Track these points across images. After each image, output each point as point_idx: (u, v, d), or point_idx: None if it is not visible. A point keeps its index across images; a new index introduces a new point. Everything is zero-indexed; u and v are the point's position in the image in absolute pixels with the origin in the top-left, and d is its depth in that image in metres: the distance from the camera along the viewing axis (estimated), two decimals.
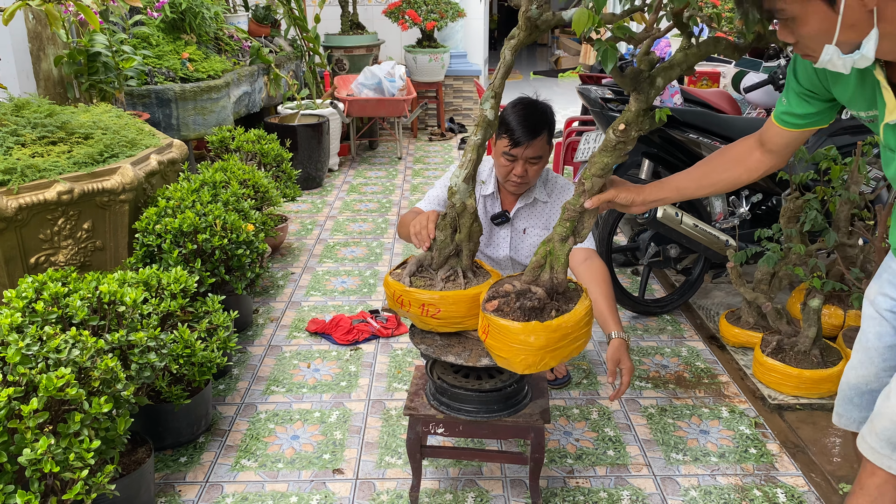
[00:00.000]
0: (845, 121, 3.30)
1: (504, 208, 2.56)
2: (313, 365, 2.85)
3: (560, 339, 1.68)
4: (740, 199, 3.35)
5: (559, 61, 11.80)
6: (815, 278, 2.64)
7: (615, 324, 2.18)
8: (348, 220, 4.62)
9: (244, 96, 4.97)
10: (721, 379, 2.79)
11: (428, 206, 2.47)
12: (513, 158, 2.34)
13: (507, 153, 2.35)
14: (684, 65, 1.56)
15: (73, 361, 1.64)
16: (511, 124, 2.31)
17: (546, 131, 2.34)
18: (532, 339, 1.64)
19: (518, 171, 2.36)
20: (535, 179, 2.45)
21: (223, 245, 2.62)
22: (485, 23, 7.72)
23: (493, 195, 2.54)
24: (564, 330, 1.67)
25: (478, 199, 2.53)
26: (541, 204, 2.52)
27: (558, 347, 1.68)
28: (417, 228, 1.97)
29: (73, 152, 2.71)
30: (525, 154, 2.33)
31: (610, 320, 2.19)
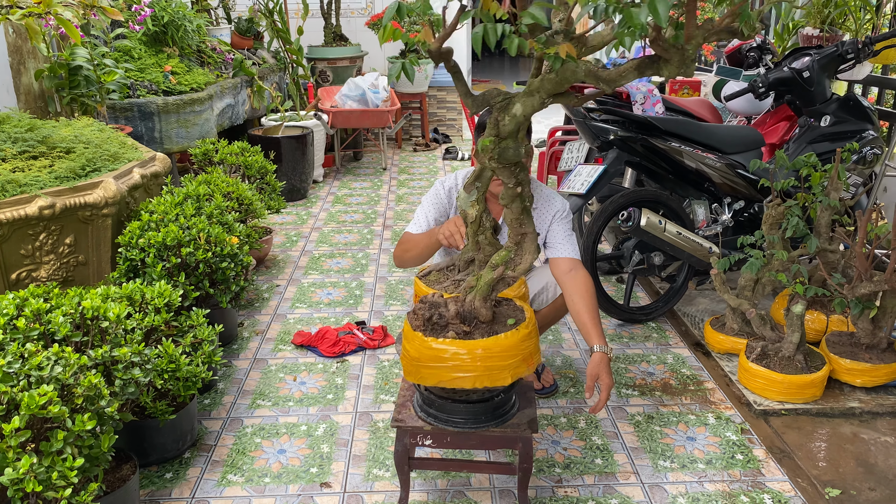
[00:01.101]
0: (825, 128, 3.34)
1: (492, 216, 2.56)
2: (299, 378, 2.84)
3: (433, 358, 1.74)
4: (723, 206, 3.38)
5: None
6: (798, 284, 2.67)
7: (597, 337, 2.19)
8: (333, 232, 4.61)
9: (227, 109, 4.96)
10: (707, 385, 2.80)
11: (418, 230, 2.47)
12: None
13: None
14: (542, 92, 1.54)
15: (56, 378, 1.62)
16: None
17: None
18: (409, 346, 1.78)
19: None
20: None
21: (207, 258, 2.61)
22: (467, 34, 7.75)
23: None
24: (440, 353, 1.73)
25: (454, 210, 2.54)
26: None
27: (431, 367, 1.75)
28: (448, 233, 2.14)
29: (55, 167, 2.69)
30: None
31: (592, 333, 2.20)
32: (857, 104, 3.36)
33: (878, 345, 2.71)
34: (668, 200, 3.21)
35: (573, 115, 3.32)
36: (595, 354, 2.14)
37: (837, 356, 2.70)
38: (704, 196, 3.40)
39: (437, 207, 2.52)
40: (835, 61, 3.34)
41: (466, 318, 1.79)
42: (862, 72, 3.87)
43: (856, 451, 2.39)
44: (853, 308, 2.63)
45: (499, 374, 1.76)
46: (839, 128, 3.33)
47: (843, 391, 2.70)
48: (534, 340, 1.82)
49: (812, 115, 3.39)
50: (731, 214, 3.37)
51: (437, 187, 2.56)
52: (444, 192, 2.54)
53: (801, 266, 2.72)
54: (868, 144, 3.32)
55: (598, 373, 2.11)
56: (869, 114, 3.38)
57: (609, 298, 3.25)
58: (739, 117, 4.02)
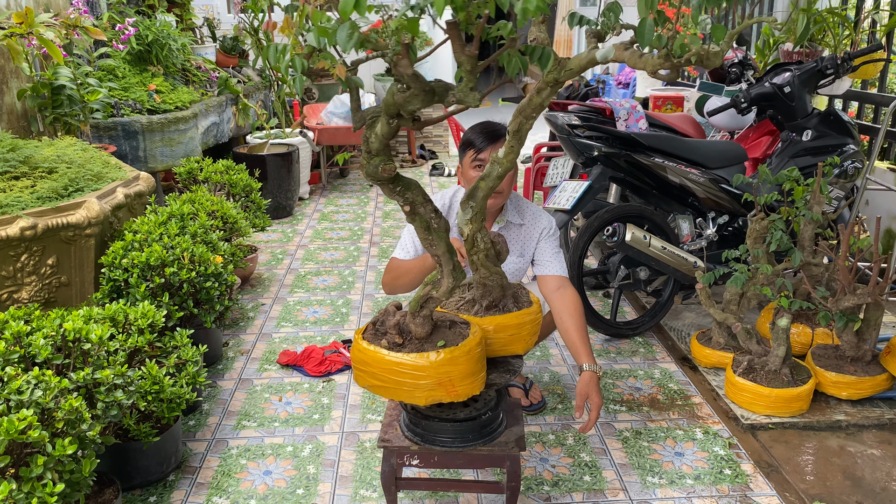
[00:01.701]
0: (806, 142, 3.37)
1: None
2: (285, 398, 2.81)
3: (359, 361, 1.79)
4: (707, 220, 3.40)
5: (527, 88, 11.94)
6: (783, 298, 2.68)
7: (586, 355, 2.19)
8: (319, 249, 4.60)
9: (212, 127, 4.95)
10: (694, 400, 2.80)
11: (405, 255, 2.45)
12: (481, 164, 2.35)
13: (475, 160, 2.37)
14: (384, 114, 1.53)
15: (36, 402, 1.59)
16: (473, 139, 2.37)
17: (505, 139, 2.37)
18: (351, 350, 1.85)
19: None
20: (508, 190, 2.44)
21: (191, 278, 2.59)
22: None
23: None
24: (364, 356, 1.77)
25: (452, 226, 2.53)
26: (515, 227, 2.52)
27: (359, 369, 1.80)
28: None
29: (37, 187, 2.67)
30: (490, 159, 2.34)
31: (581, 351, 2.20)
32: (838, 119, 3.40)
33: (862, 357, 2.73)
34: (652, 215, 3.22)
35: (557, 131, 3.33)
36: (584, 373, 2.14)
37: (823, 369, 2.71)
38: (689, 211, 3.42)
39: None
40: (815, 77, 3.39)
41: (404, 331, 1.78)
42: (842, 87, 3.93)
43: (843, 464, 2.39)
44: (838, 321, 2.64)
45: (410, 391, 1.73)
46: (820, 142, 3.37)
47: (830, 404, 2.70)
48: (458, 368, 1.71)
49: (794, 129, 3.43)
50: (716, 229, 3.39)
51: None
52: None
53: (785, 280, 2.74)
54: (849, 158, 3.35)
55: (588, 392, 2.10)
56: (849, 128, 3.42)
57: (596, 313, 3.25)
58: (722, 132, 4.05)
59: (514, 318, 1.90)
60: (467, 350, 1.72)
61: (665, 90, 5.46)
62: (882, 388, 2.69)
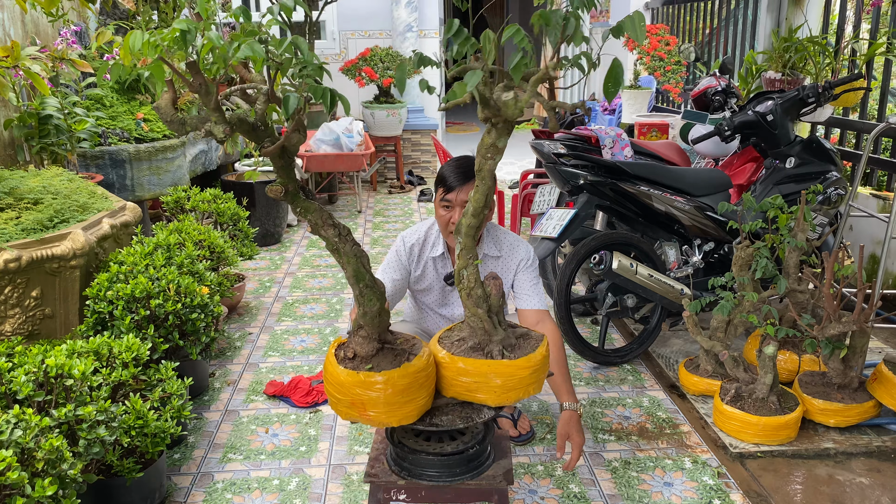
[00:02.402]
0: (790, 169, 3.41)
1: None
2: (272, 430, 2.79)
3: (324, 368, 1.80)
4: (693, 248, 3.42)
5: None
6: (769, 325, 2.69)
7: (567, 393, 2.18)
8: (307, 276, 4.59)
9: (200, 154, 4.95)
10: (683, 429, 2.79)
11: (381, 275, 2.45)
12: (448, 204, 2.35)
13: (443, 200, 2.36)
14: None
15: (16, 442, 1.57)
16: (443, 174, 2.37)
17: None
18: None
19: (455, 217, 2.36)
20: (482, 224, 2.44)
21: (177, 310, 2.57)
22: (441, 78, 7.86)
23: (444, 255, 2.52)
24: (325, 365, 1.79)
25: (427, 261, 2.52)
26: (492, 259, 2.52)
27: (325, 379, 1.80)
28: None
29: (22, 218, 2.66)
30: (459, 199, 2.33)
31: (562, 389, 2.20)
32: (820, 146, 3.44)
33: (849, 384, 2.73)
34: (639, 243, 3.24)
35: (543, 159, 3.36)
36: (565, 413, 2.13)
37: (810, 397, 2.71)
38: (675, 238, 3.44)
39: (399, 268, 2.47)
40: (797, 105, 3.43)
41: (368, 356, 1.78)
42: (823, 114, 3.98)
43: (832, 492, 2.39)
44: (824, 348, 2.65)
45: (335, 404, 1.78)
46: (804, 169, 3.41)
47: (818, 431, 2.71)
48: (370, 393, 1.69)
49: (777, 156, 3.46)
50: (702, 256, 3.41)
51: (399, 246, 2.51)
52: (405, 250, 2.50)
53: (771, 307, 2.75)
54: (832, 185, 3.39)
55: (569, 431, 2.10)
56: (832, 155, 3.46)
57: (584, 341, 3.25)
58: (707, 159, 4.09)
59: (483, 365, 1.75)
60: (385, 378, 1.69)
61: (650, 117, 5.52)
62: (870, 415, 2.69)
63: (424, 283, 2.56)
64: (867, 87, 4.01)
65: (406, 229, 2.63)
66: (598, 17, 8.46)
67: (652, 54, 5.89)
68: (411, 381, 1.72)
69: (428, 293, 2.59)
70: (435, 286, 2.57)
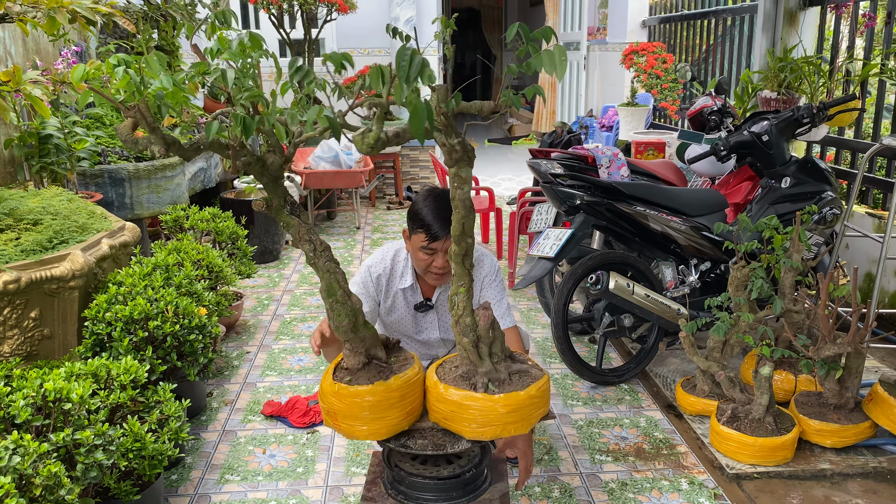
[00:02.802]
0: (785, 189, 3.43)
1: (425, 297, 2.55)
2: (269, 450, 2.79)
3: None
4: (690, 267, 3.44)
5: (512, 129, 12.10)
6: (765, 346, 2.70)
7: None
8: (306, 294, 4.59)
9: (200, 172, 4.97)
10: (679, 449, 2.80)
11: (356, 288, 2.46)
12: (432, 252, 2.31)
13: (425, 248, 2.30)
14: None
15: (14, 469, 1.58)
16: (426, 219, 2.27)
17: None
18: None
19: (439, 263, 2.32)
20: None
21: (175, 331, 2.58)
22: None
23: (413, 286, 2.51)
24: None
25: (396, 293, 2.51)
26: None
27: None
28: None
29: (21, 239, 2.67)
30: (444, 247, 2.28)
31: None
32: (815, 166, 3.47)
33: (845, 405, 2.74)
34: (635, 262, 3.26)
35: (540, 178, 3.38)
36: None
37: (806, 417, 2.72)
38: (671, 258, 3.45)
39: (367, 299, 2.44)
40: (791, 125, 3.46)
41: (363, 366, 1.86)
42: (819, 133, 4.02)
43: None
44: (819, 369, 2.66)
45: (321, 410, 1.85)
46: (799, 189, 3.43)
47: (814, 452, 2.71)
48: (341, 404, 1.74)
49: (773, 176, 3.49)
50: (698, 275, 3.42)
51: (365, 276, 2.47)
52: (371, 281, 2.48)
53: (767, 327, 2.76)
54: (827, 205, 3.41)
55: (513, 443, 2.09)
56: (826, 175, 3.49)
57: (581, 361, 3.26)
58: (704, 178, 4.12)
59: (460, 395, 1.73)
60: (353, 392, 1.73)
61: (647, 135, 5.56)
62: (866, 435, 2.70)
63: (395, 314, 2.57)
64: (861, 108, 4.04)
65: (369, 257, 2.58)
66: (596, 34, 8.52)
67: (649, 72, 5.94)
68: (381, 399, 1.74)
69: (400, 323, 2.59)
70: (406, 316, 2.57)
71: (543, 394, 1.78)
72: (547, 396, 1.79)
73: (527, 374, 1.80)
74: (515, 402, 1.71)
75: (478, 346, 1.75)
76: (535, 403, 1.75)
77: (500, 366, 1.77)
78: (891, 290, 3.81)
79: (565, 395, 3.23)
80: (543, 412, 1.80)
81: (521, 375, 1.79)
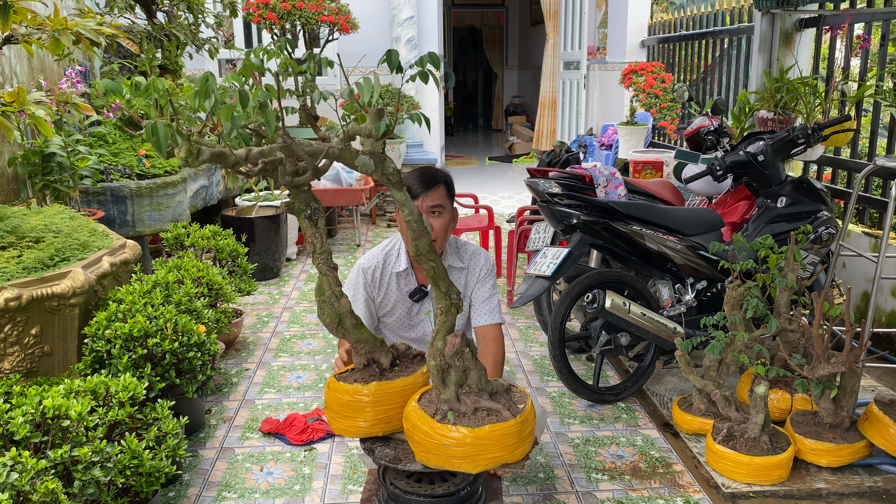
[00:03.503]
0: (781, 209, 3.46)
1: (420, 283, 2.56)
2: (266, 468, 2.80)
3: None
4: (686, 286, 3.46)
5: (513, 147, 12.16)
6: (760, 365, 2.72)
7: None
8: (305, 311, 4.62)
9: (201, 190, 5.01)
10: (676, 468, 2.80)
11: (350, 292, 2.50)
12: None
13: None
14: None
15: (12, 485, 1.59)
16: (409, 184, 2.38)
17: (443, 184, 2.41)
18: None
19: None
20: (443, 236, 2.42)
21: (174, 348, 2.60)
22: (440, 113, 7.97)
23: (407, 271, 2.53)
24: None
25: (391, 276, 2.53)
26: (456, 270, 2.53)
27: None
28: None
29: (23, 257, 2.70)
30: (425, 204, 2.36)
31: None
32: (811, 186, 3.50)
33: (841, 424, 2.75)
34: (632, 281, 3.28)
35: (538, 197, 3.41)
36: None
37: (802, 436, 2.73)
38: (668, 276, 3.47)
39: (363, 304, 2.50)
40: (787, 146, 3.50)
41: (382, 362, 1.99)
42: (815, 153, 4.05)
43: None
44: (814, 388, 2.68)
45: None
46: (795, 208, 3.46)
47: (810, 471, 2.72)
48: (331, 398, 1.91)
49: (769, 196, 3.52)
50: (695, 294, 3.44)
51: (357, 277, 2.52)
52: (364, 277, 2.51)
53: (763, 346, 2.78)
54: (823, 224, 3.44)
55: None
56: (822, 195, 3.51)
57: (578, 379, 3.27)
58: (701, 198, 4.15)
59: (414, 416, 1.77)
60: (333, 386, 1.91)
61: (646, 153, 5.60)
62: (861, 455, 2.71)
63: (389, 304, 2.56)
64: (857, 129, 4.08)
65: (360, 258, 2.63)
66: (596, 54, 8.60)
67: (648, 91, 5.99)
68: (352, 399, 1.86)
69: (392, 314, 2.58)
70: (399, 305, 2.56)
71: (500, 438, 1.71)
72: (508, 441, 1.72)
73: (493, 415, 1.75)
74: (460, 437, 1.69)
75: (445, 372, 1.77)
76: (485, 446, 1.70)
77: (468, 398, 1.76)
78: (887, 309, 3.83)
79: (562, 414, 3.24)
80: (503, 457, 1.74)
81: (487, 413, 1.76)
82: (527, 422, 1.77)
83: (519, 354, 3.93)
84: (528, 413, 1.79)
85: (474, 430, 1.69)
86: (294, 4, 6.25)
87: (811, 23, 4.64)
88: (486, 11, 15.23)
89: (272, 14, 6.22)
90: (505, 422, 1.73)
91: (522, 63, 15.09)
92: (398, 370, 1.94)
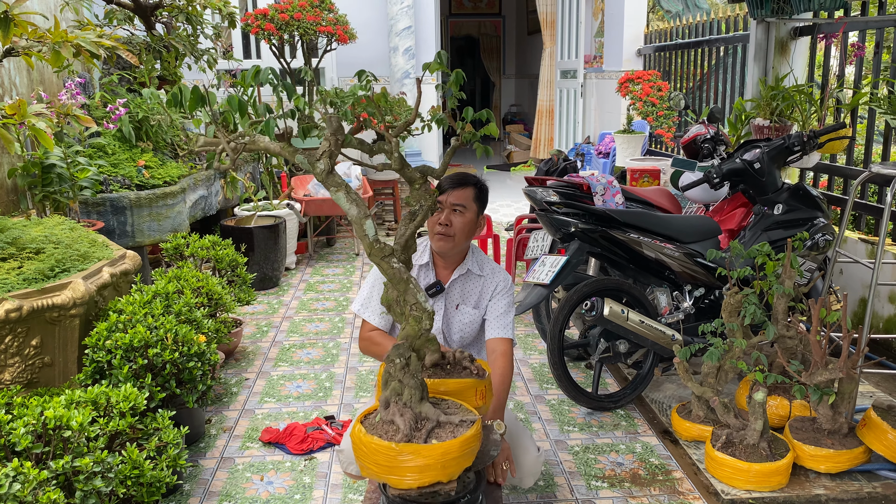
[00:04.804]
0: (778, 216, 3.48)
1: (438, 279, 2.60)
2: (266, 477, 2.80)
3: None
4: (684, 293, 3.47)
5: (511, 155, 12.19)
6: (758, 371, 2.73)
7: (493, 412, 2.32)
8: (305, 321, 4.62)
9: (200, 200, 5.03)
10: (675, 475, 2.81)
11: (372, 314, 2.51)
12: (439, 205, 2.42)
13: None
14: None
15: (14, 496, 1.60)
16: (442, 182, 2.44)
17: (473, 187, 2.47)
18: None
19: (442, 218, 2.43)
20: (461, 237, 2.47)
21: (174, 358, 2.61)
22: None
23: (428, 265, 2.57)
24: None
25: (415, 268, 2.57)
26: (475, 277, 2.57)
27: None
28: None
29: (24, 268, 2.71)
30: (449, 200, 2.42)
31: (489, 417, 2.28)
32: (807, 193, 3.52)
33: (839, 430, 2.76)
34: (630, 289, 3.29)
35: (536, 206, 3.43)
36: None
37: (801, 443, 2.73)
38: (666, 284, 3.49)
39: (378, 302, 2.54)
40: (783, 153, 3.52)
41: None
42: (811, 160, 4.07)
43: None
44: (812, 395, 2.69)
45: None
46: (791, 215, 3.48)
47: (809, 478, 2.72)
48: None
49: (765, 203, 3.54)
50: (693, 301, 3.46)
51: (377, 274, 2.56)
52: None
53: (760, 353, 2.79)
54: (819, 231, 3.46)
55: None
56: (818, 202, 3.53)
57: (577, 387, 3.28)
58: (698, 205, 4.17)
59: (355, 426, 1.84)
60: (358, 437, 1.85)
61: (643, 161, 5.63)
62: (860, 460, 2.72)
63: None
64: (852, 136, 4.10)
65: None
66: (593, 62, 8.64)
67: (644, 100, 6.03)
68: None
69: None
70: None
71: (423, 464, 1.73)
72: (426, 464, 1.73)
73: (440, 432, 1.80)
74: (381, 451, 1.75)
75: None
76: (407, 469, 1.74)
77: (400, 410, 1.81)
78: (884, 315, 3.84)
79: (561, 421, 3.25)
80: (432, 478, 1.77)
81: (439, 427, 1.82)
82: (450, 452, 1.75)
83: (518, 362, 3.94)
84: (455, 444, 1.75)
85: (402, 446, 1.74)
86: (292, 15, 6.28)
87: (806, 31, 4.68)
88: (484, 21, 15.30)
89: (270, 25, 6.25)
90: (438, 446, 1.74)
91: (520, 72, 15.15)
92: (437, 428, 1.82)
